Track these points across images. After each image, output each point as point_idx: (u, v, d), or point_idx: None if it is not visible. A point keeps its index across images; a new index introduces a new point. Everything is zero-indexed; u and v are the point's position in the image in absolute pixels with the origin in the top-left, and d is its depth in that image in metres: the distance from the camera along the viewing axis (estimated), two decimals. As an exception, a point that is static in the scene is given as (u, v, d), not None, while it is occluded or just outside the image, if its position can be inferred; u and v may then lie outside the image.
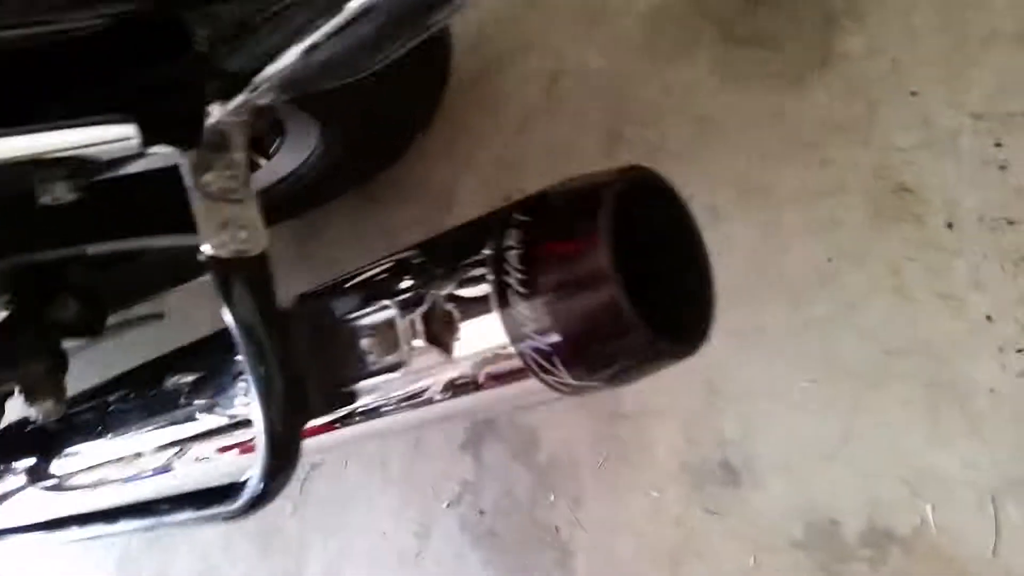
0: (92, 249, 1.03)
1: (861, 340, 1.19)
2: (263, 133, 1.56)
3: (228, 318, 0.89)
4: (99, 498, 1.25)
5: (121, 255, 1.44)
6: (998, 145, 1.13)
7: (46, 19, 0.75)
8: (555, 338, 0.77)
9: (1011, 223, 1.11)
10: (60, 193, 0.88)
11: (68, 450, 1.28)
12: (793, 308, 1.24)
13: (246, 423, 1.01)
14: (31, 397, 1.13)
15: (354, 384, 0.90)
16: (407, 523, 1.61)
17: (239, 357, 0.88)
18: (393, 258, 0.94)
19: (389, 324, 0.87)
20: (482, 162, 1.66)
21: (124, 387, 1.24)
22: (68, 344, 1.23)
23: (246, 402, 1.00)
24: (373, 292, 0.91)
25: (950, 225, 1.15)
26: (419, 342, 0.84)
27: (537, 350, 0.78)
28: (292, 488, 1.80)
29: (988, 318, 1.11)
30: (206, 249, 0.89)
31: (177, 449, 1.10)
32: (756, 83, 1.33)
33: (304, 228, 1.93)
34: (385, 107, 1.47)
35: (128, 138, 0.87)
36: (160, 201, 1.02)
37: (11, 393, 1.22)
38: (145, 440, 1.15)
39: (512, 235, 0.81)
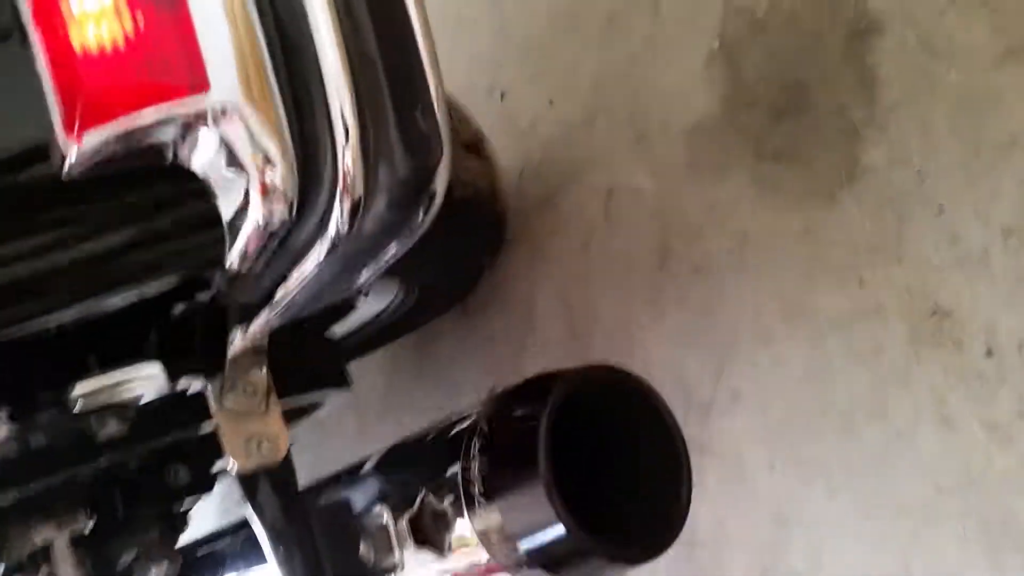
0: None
1: (913, 474, 1.14)
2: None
3: (254, 521, 1.01)
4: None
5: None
6: (1032, 263, 1.05)
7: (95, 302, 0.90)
8: (519, 547, 0.83)
9: (1053, 350, 1.03)
10: (112, 429, 1.04)
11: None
12: (846, 438, 1.21)
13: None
14: (147, 562, 1.29)
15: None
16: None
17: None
18: (388, 456, 1.03)
19: (383, 529, 0.96)
20: (555, 277, 1.71)
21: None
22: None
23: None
24: (372, 489, 1.00)
25: (989, 352, 1.08)
26: (410, 545, 0.92)
27: (506, 555, 0.85)
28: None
29: (1038, 453, 1.03)
30: (232, 465, 1.01)
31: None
32: (789, 200, 1.30)
33: (421, 342, 2.07)
34: (447, 262, 1.58)
35: (154, 376, 1.01)
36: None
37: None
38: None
39: (475, 448, 0.88)
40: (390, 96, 0.70)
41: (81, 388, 0.98)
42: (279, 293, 0.87)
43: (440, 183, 0.76)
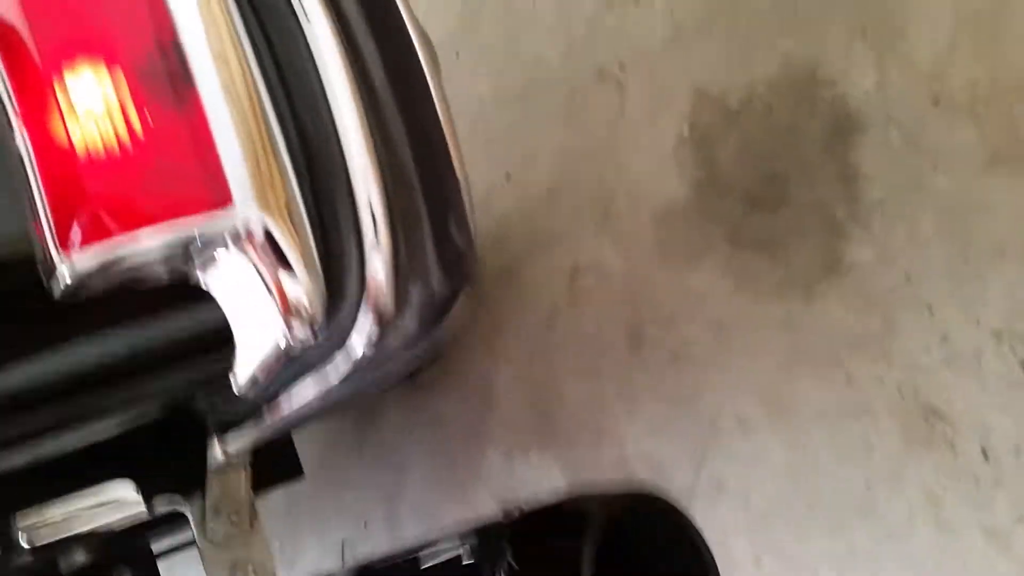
0: None
1: (907, 575, 1.13)
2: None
3: None
4: None
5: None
6: (1024, 368, 1.07)
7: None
8: None
9: (1049, 455, 1.04)
10: (77, 558, 0.94)
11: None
12: (835, 536, 1.20)
13: None
14: None
15: None
16: None
17: None
18: None
19: None
20: (516, 355, 1.67)
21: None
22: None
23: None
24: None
25: (985, 454, 1.09)
26: None
27: None
28: None
29: (1038, 558, 1.04)
30: None
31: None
32: (768, 291, 1.30)
33: (361, 416, 1.98)
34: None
35: (126, 498, 0.91)
36: None
37: None
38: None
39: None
40: (426, 211, 0.65)
41: (31, 520, 0.88)
42: (276, 411, 0.80)
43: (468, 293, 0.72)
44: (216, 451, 0.92)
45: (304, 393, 0.75)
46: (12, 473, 0.87)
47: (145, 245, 0.56)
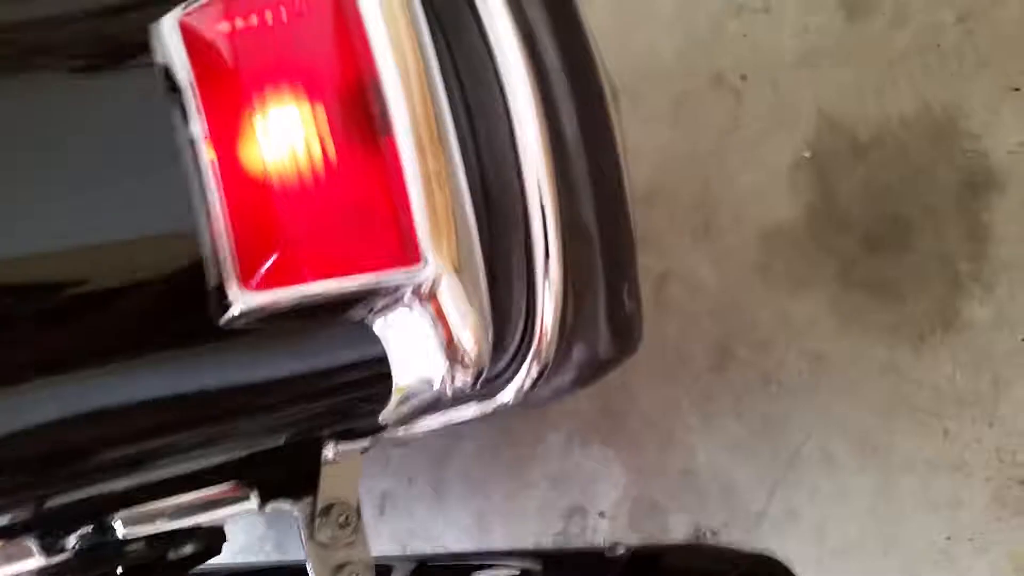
0: None
1: (981, 634, 1.16)
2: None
3: None
4: None
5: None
6: None
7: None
8: None
9: None
10: (187, 550, 0.95)
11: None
12: (909, 583, 1.22)
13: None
14: None
15: None
16: None
17: None
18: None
19: None
20: (591, 350, 1.67)
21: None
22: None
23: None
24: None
25: (1081, 532, 1.11)
26: None
27: None
28: None
29: (1119, 641, 1.07)
30: None
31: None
32: (875, 333, 1.30)
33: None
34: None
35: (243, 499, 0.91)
36: None
37: None
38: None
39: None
40: (602, 269, 0.64)
41: (134, 512, 0.87)
42: (402, 431, 0.80)
43: None
44: (329, 454, 0.91)
45: (438, 422, 0.75)
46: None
47: (328, 293, 0.55)
